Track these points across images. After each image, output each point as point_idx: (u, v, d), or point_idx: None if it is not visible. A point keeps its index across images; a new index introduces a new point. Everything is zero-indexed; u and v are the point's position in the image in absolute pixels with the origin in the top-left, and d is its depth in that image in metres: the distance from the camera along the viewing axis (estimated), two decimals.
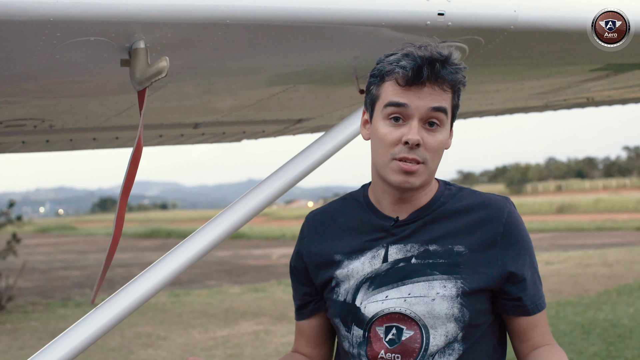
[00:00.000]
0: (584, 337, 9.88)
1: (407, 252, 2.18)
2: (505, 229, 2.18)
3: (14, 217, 17.66)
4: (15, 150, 4.82)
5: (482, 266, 2.15)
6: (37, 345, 10.92)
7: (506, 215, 2.19)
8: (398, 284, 2.16)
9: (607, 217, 41.09)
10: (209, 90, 3.43)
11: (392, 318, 2.15)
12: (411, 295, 2.14)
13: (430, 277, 2.14)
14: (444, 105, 2.11)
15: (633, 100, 5.47)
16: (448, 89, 2.12)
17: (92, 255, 30.22)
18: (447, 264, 2.14)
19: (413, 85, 2.09)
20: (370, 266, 2.20)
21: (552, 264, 19.15)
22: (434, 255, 2.15)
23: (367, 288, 2.19)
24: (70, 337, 2.39)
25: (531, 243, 2.24)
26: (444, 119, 2.12)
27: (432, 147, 2.12)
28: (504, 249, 2.17)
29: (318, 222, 2.38)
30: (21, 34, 2.12)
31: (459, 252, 2.15)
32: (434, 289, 2.13)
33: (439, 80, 2.09)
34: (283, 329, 11.56)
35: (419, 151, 2.10)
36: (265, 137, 5.78)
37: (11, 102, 3.17)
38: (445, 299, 2.12)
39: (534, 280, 2.23)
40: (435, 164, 2.16)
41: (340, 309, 2.24)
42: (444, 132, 2.15)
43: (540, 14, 2.73)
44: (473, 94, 4.40)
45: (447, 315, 2.13)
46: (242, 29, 2.33)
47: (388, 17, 2.47)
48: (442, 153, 2.18)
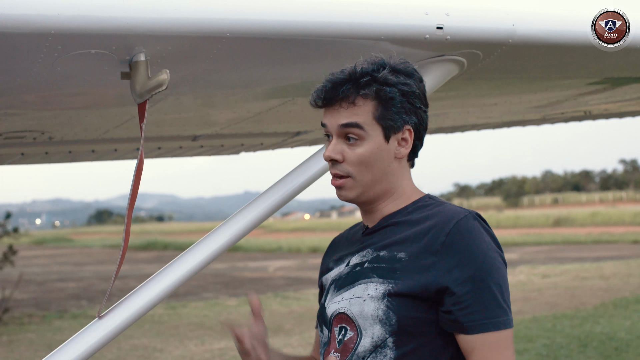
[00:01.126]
0: (580, 350, 9.88)
1: (363, 257, 2.23)
2: (448, 238, 2.10)
3: (10, 229, 17.63)
4: (15, 162, 4.82)
5: (418, 273, 2.10)
6: (33, 357, 10.91)
7: (452, 225, 2.11)
8: (349, 287, 2.21)
9: (604, 230, 41.11)
10: (208, 103, 3.44)
11: (342, 319, 2.20)
12: (354, 296, 2.18)
13: (368, 280, 2.16)
14: (354, 120, 2.15)
15: (630, 114, 5.48)
16: (361, 102, 2.16)
17: (89, 267, 30.18)
18: (387, 268, 2.15)
19: (323, 106, 2.20)
20: (338, 271, 2.29)
21: (549, 277, 19.14)
22: (379, 261, 2.18)
23: (332, 290, 2.28)
24: (68, 351, 2.39)
25: (485, 257, 2.10)
26: (359, 133, 2.16)
27: (353, 160, 2.18)
28: (442, 259, 2.09)
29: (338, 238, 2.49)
30: (22, 46, 2.13)
31: (400, 258, 2.14)
32: (367, 290, 2.15)
33: (341, 98, 2.16)
34: (279, 342, 11.54)
35: (341, 166, 2.19)
36: (264, 149, 5.78)
37: (11, 114, 3.18)
38: (373, 299, 2.12)
39: (478, 297, 2.07)
40: (366, 177, 2.19)
41: (319, 312, 2.33)
42: (365, 145, 2.17)
43: (539, 28, 2.74)
44: (470, 107, 4.42)
45: (373, 316, 2.12)
46: (241, 42, 2.34)
47: (387, 30, 2.48)
48: (375, 165, 2.19)
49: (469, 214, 2.16)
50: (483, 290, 2.08)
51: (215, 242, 2.68)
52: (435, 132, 6.15)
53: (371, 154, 2.18)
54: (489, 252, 2.13)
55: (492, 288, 2.09)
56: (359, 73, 2.16)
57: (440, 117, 4.90)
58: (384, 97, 2.17)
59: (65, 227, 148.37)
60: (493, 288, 2.09)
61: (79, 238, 67.55)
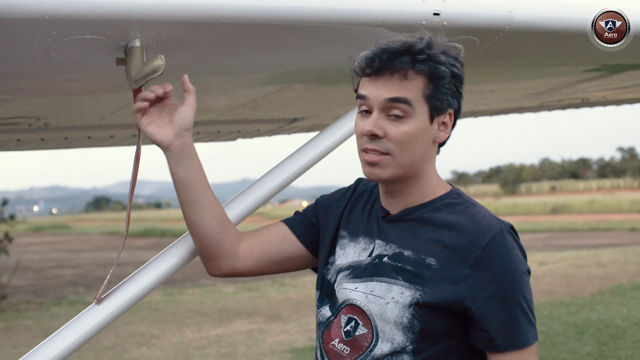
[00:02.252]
0: (577, 337, 9.90)
1: (385, 250, 2.15)
2: (483, 254, 2.04)
3: (7, 216, 17.64)
4: (10, 149, 4.81)
5: (448, 284, 2.04)
6: (31, 343, 10.91)
7: (488, 240, 2.05)
8: (367, 279, 2.14)
9: (601, 217, 41.15)
10: (204, 89, 3.43)
11: (354, 310, 2.14)
12: (372, 293, 2.12)
13: (392, 281, 2.10)
14: (402, 95, 2.06)
15: (627, 101, 5.48)
16: (412, 77, 2.06)
17: (86, 254, 30.19)
18: (414, 272, 2.08)
19: (371, 75, 2.09)
20: (358, 256, 2.21)
21: (546, 264, 19.17)
22: (404, 261, 2.10)
23: (345, 275, 2.20)
24: (64, 336, 2.38)
25: (516, 274, 2.07)
26: (407, 109, 2.06)
27: (396, 138, 2.07)
28: (475, 274, 2.04)
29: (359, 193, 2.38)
30: (16, 32, 2.12)
31: (429, 264, 2.07)
32: (391, 293, 2.08)
33: (393, 70, 2.06)
34: (277, 328, 11.56)
35: (381, 142, 2.08)
36: (260, 136, 5.78)
37: (6, 101, 3.17)
38: (398, 305, 2.06)
39: (510, 315, 2.05)
40: (408, 156, 2.10)
41: (323, 284, 2.27)
42: (411, 123, 2.07)
43: (536, 15, 2.74)
44: (467, 94, 4.39)
45: (396, 322, 2.06)
46: (237, 28, 2.33)
47: (384, 16, 2.47)
48: (415, 145, 2.10)
49: (504, 228, 2.10)
50: (515, 308, 2.06)
51: None
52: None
53: (416, 133, 2.09)
54: (520, 267, 2.09)
55: (523, 305, 2.07)
56: (415, 47, 2.07)
57: None
58: (436, 75, 2.08)
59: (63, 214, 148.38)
60: (523, 305, 2.07)
61: (77, 225, 67.54)
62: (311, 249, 2.40)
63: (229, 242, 2.35)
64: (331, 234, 2.33)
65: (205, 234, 2.34)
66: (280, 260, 2.40)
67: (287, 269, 2.43)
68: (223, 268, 2.38)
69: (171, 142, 2.29)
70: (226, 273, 2.39)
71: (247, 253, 2.37)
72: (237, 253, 2.36)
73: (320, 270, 2.32)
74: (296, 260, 2.42)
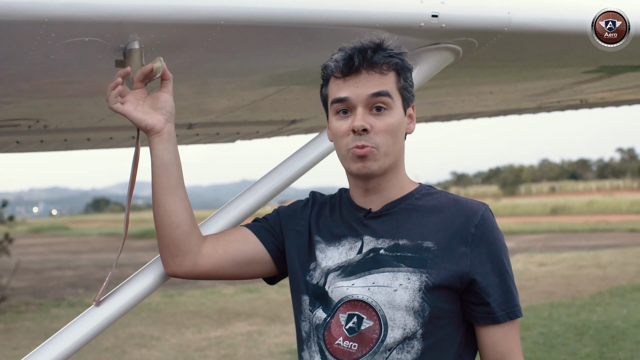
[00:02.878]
0: (577, 338, 9.90)
1: (378, 244, 2.21)
2: (477, 230, 2.17)
3: (6, 217, 17.64)
4: (10, 150, 4.82)
5: (449, 263, 2.14)
6: (31, 345, 10.91)
7: (479, 218, 2.19)
8: (364, 274, 2.18)
9: (601, 218, 41.11)
10: (203, 91, 3.43)
11: (355, 306, 2.16)
12: (375, 284, 2.15)
13: (395, 269, 2.15)
14: (384, 89, 2.17)
15: (626, 102, 5.49)
16: (387, 72, 2.18)
17: (86, 255, 30.18)
18: (415, 258, 2.15)
19: (349, 75, 2.19)
20: (346, 256, 2.24)
21: (546, 265, 19.17)
22: (402, 249, 2.17)
23: (336, 275, 2.22)
24: (64, 338, 2.39)
25: (504, 248, 2.22)
26: (389, 102, 2.18)
27: (381, 130, 2.17)
28: (473, 250, 2.15)
29: (317, 205, 2.43)
30: (16, 34, 2.12)
31: (428, 247, 2.15)
32: (397, 280, 2.13)
33: (373, 65, 2.17)
34: (276, 330, 11.57)
35: (368, 137, 2.17)
36: (259, 137, 5.78)
37: (5, 102, 3.17)
38: (407, 290, 2.12)
39: (505, 287, 2.19)
40: (390, 147, 2.20)
41: (309, 288, 2.28)
42: (393, 114, 2.19)
43: (535, 16, 2.74)
44: (467, 95, 4.42)
45: (407, 307, 2.11)
46: (236, 29, 2.33)
47: (382, 18, 2.47)
48: (398, 136, 2.22)
49: (487, 207, 2.24)
50: (508, 280, 2.20)
51: (211, 230, 2.67)
52: (431, 121, 6.15)
53: (398, 124, 2.21)
54: (504, 242, 2.23)
55: (512, 277, 2.22)
56: (385, 43, 2.19)
57: (436, 106, 4.90)
58: (404, 68, 2.22)
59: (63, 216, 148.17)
60: (512, 277, 2.22)
61: (76, 226, 67.50)
62: (272, 254, 2.42)
63: (195, 237, 2.37)
64: (306, 241, 2.35)
65: (177, 224, 2.34)
66: (242, 263, 2.40)
67: (247, 273, 2.43)
68: (185, 264, 2.37)
69: (162, 127, 2.34)
70: (187, 271, 2.38)
71: (210, 251, 2.38)
72: (201, 250, 2.37)
73: (301, 278, 2.32)
74: (256, 265, 2.42)
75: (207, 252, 2.38)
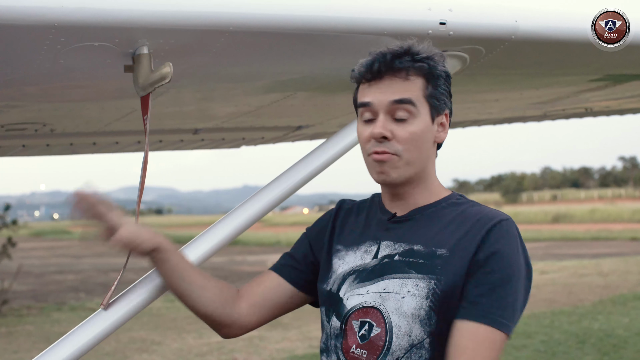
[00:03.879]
0: (578, 346, 9.89)
1: (394, 249, 2.16)
2: (487, 234, 2.08)
3: (9, 221, 17.63)
4: (16, 154, 4.83)
5: (459, 267, 2.07)
6: (32, 349, 10.91)
7: (493, 223, 2.09)
8: (378, 280, 2.14)
9: (602, 227, 41.11)
10: (209, 97, 3.44)
11: (367, 313, 2.12)
12: (386, 290, 2.11)
13: (405, 275, 2.10)
14: (406, 96, 2.10)
15: (631, 111, 5.49)
16: (413, 77, 2.12)
17: (87, 259, 30.16)
18: (426, 264, 2.09)
19: (372, 80, 2.13)
20: (361, 260, 2.21)
21: (547, 273, 19.15)
22: (415, 255, 2.12)
23: (352, 280, 2.19)
24: (72, 341, 2.39)
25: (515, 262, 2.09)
26: (411, 109, 2.11)
27: (403, 138, 2.11)
28: (478, 251, 2.07)
29: (343, 212, 2.40)
30: (25, 38, 2.13)
31: (441, 254, 2.09)
32: (406, 287, 2.09)
33: (396, 70, 2.11)
34: (278, 336, 11.56)
35: (389, 144, 2.11)
36: (265, 143, 5.79)
37: (13, 106, 3.18)
38: (415, 298, 2.07)
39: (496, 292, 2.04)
40: (415, 156, 2.14)
41: (326, 298, 2.25)
42: (416, 122, 2.12)
43: (541, 24, 2.74)
44: (472, 102, 4.42)
45: (414, 315, 2.06)
46: (244, 35, 2.34)
47: (390, 25, 2.48)
48: (422, 145, 2.15)
49: (508, 220, 2.13)
50: (500, 288, 2.06)
51: (215, 236, 2.68)
52: None
53: (422, 132, 2.14)
54: (520, 259, 2.11)
55: (510, 291, 2.07)
56: (413, 48, 2.13)
57: None
58: (434, 74, 2.14)
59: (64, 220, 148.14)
60: (511, 291, 2.07)
61: (78, 230, 67.32)
62: (305, 290, 2.40)
63: (230, 309, 2.38)
64: (326, 253, 2.33)
65: (211, 312, 2.37)
66: (280, 307, 2.42)
67: (288, 310, 2.45)
68: (234, 330, 2.43)
69: (160, 241, 2.32)
70: (238, 333, 2.44)
71: (249, 310, 2.39)
72: (241, 313, 2.39)
73: (320, 289, 2.31)
74: (294, 300, 2.42)
75: (247, 313, 2.39)
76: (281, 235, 40.60)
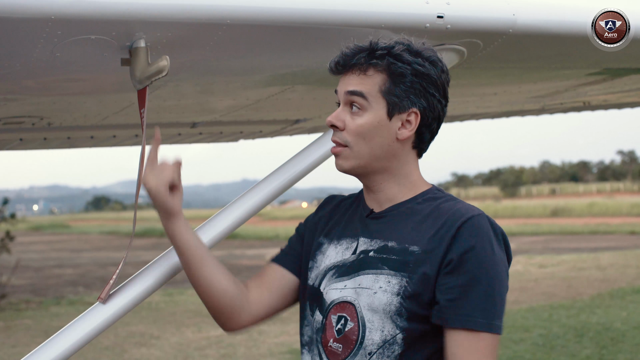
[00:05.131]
0: (577, 340, 9.90)
1: (370, 245, 2.19)
2: (458, 232, 2.07)
3: (7, 215, 17.63)
4: (13, 148, 4.82)
5: (428, 265, 2.06)
6: (30, 342, 10.92)
7: (464, 220, 2.08)
8: (354, 275, 2.17)
9: (601, 220, 41.10)
10: (207, 90, 3.44)
11: (344, 307, 2.16)
12: (360, 286, 2.14)
13: (378, 271, 2.13)
14: (359, 89, 2.16)
15: (629, 105, 5.49)
16: (372, 73, 2.16)
17: (86, 253, 30.18)
18: (398, 261, 2.11)
19: (337, 74, 2.22)
20: (341, 255, 2.24)
21: (546, 267, 19.17)
22: (389, 251, 2.14)
23: (331, 275, 2.22)
24: (70, 334, 2.39)
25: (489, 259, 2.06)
26: (362, 102, 2.16)
27: (351, 130, 2.18)
28: (448, 250, 2.06)
29: (329, 207, 2.44)
30: (22, 31, 2.13)
31: (413, 251, 2.10)
32: (378, 283, 2.11)
33: (353, 65, 2.17)
34: (276, 330, 11.56)
35: (340, 134, 2.19)
36: (263, 137, 5.78)
37: (10, 100, 3.17)
38: (386, 294, 2.09)
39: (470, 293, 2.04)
40: (362, 149, 2.18)
41: (310, 293, 2.28)
42: (366, 116, 2.17)
43: (539, 18, 2.74)
44: (470, 96, 4.42)
45: (385, 310, 2.08)
46: (242, 29, 2.33)
47: (387, 19, 2.47)
48: (371, 139, 2.17)
49: (482, 216, 2.11)
50: (475, 288, 2.04)
51: (214, 229, 2.68)
52: None
53: (370, 126, 2.17)
54: (494, 256, 2.08)
55: (486, 289, 2.05)
56: (376, 45, 2.18)
57: None
58: (394, 71, 2.16)
59: (63, 214, 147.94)
60: (487, 289, 2.05)
61: (76, 224, 67.46)
62: None
63: (242, 293, 2.37)
64: (310, 247, 2.37)
65: (224, 291, 2.33)
66: (285, 297, 2.41)
67: (294, 302, 2.44)
68: (243, 320, 2.39)
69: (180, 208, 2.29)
70: (246, 325, 2.41)
71: (258, 298, 2.39)
72: (250, 300, 2.38)
73: (302, 284, 2.34)
74: (298, 294, 2.43)
75: (255, 300, 2.38)
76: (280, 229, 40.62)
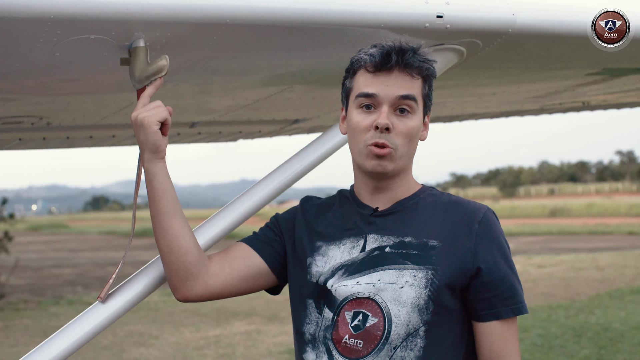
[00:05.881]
0: (575, 340, 9.91)
1: (383, 242, 2.22)
2: (480, 226, 2.20)
3: (6, 215, 17.63)
4: (12, 148, 4.81)
5: (454, 259, 2.16)
6: (29, 342, 10.92)
7: (482, 216, 2.23)
8: (370, 271, 2.19)
9: (599, 221, 41.08)
10: (206, 90, 3.43)
11: (361, 303, 2.17)
12: (380, 281, 2.16)
13: (401, 266, 2.16)
14: (412, 92, 2.19)
15: (628, 105, 5.49)
16: (417, 76, 2.20)
17: (84, 253, 30.16)
18: (420, 255, 2.16)
19: (382, 71, 2.20)
20: (348, 255, 2.25)
21: (544, 267, 19.16)
22: (408, 246, 2.18)
23: (341, 274, 2.23)
24: (69, 333, 2.39)
25: (507, 249, 2.25)
26: (414, 106, 2.20)
27: (403, 132, 2.20)
28: (477, 244, 2.18)
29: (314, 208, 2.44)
30: (21, 31, 2.12)
31: (433, 245, 2.17)
32: (403, 277, 2.15)
33: (407, 66, 2.19)
34: (275, 329, 11.57)
35: (389, 136, 2.19)
36: (262, 137, 5.78)
37: (9, 99, 3.17)
38: (414, 287, 2.13)
39: (508, 282, 2.21)
40: (407, 150, 2.22)
41: (313, 290, 2.28)
42: (415, 119, 2.22)
43: (539, 18, 2.74)
44: (469, 96, 4.42)
45: (413, 304, 2.12)
46: (241, 28, 2.33)
47: (387, 18, 2.47)
48: (414, 141, 2.24)
49: (490, 210, 2.27)
50: (511, 276, 2.21)
51: (212, 229, 2.68)
52: (432, 122, 6.14)
53: (417, 129, 2.24)
54: (506, 243, 2.26)
55: (515, 274, 2.24)
56: (420, 48, 2.22)
57: (438, 107, 4.89)
58: (430, 75, 2.25)
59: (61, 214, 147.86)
60: (515, 273, 2.24)
61: (75, 224, 67.39)
62: (271, 266, 2.42)
63: (203, 259, 2.36)
64: (304, 245, 2.36)
65: (187, 248, 2.32)
66: (248, 278, 2.40)
67: (252, 287, 2.43)
68: (197, 288, 2.35)
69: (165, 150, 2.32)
70: (198, 294, 2.36)
71: (217, 271, 2.37)
72: (209, 271, 2.36)
73: (303, 282, 2.33)
74: (260, 278, 2.42)
75: (215, 273, 2.36)
76: None
